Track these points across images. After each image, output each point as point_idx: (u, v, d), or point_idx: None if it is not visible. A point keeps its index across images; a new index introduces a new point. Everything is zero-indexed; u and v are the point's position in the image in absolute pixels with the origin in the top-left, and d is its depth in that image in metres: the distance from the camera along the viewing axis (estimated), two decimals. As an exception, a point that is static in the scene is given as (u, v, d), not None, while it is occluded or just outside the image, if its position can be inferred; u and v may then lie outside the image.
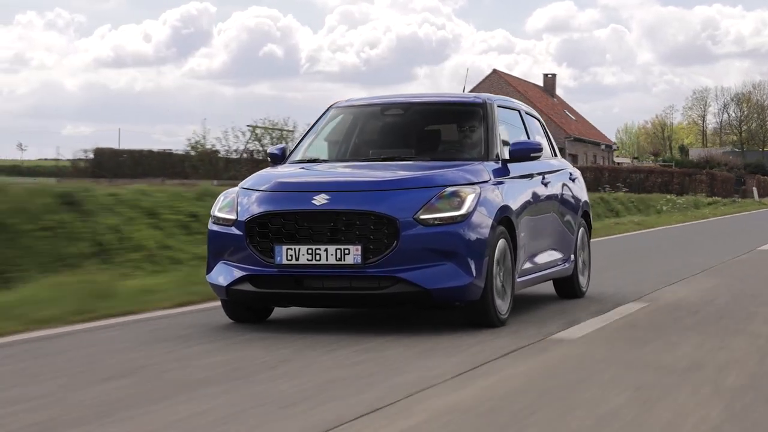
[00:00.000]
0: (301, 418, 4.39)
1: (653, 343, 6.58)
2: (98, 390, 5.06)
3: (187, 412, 4.53)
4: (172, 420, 4.37)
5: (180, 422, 4.34)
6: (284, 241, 7.00)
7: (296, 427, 4.23)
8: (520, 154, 8.02)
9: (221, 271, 7.29)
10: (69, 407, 4.66)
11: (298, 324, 7.52)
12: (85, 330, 7.30)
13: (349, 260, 6.87)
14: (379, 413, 4.46)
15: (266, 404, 4.69)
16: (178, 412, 4.53)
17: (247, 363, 5.81)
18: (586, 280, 9.61)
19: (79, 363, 5.91)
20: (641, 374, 5.43)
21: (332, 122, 8.70)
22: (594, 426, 4.25)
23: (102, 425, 4.29)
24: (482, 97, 8.42)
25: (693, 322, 7.65)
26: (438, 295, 6.90)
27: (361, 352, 6.15)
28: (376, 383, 5.18)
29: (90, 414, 4.51)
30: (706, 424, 4.28)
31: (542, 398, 4.82)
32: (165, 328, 7.31)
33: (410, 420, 4.36)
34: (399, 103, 8.70)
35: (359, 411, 4.49)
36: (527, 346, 6.40)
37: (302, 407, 4.60)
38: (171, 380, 5.32)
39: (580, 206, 9.48)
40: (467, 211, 7.02)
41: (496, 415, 4.46)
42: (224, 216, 7.34)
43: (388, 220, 6.89)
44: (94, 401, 4.78)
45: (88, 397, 4.90)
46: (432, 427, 4.25)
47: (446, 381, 5.21)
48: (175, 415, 4.46)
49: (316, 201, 7.02)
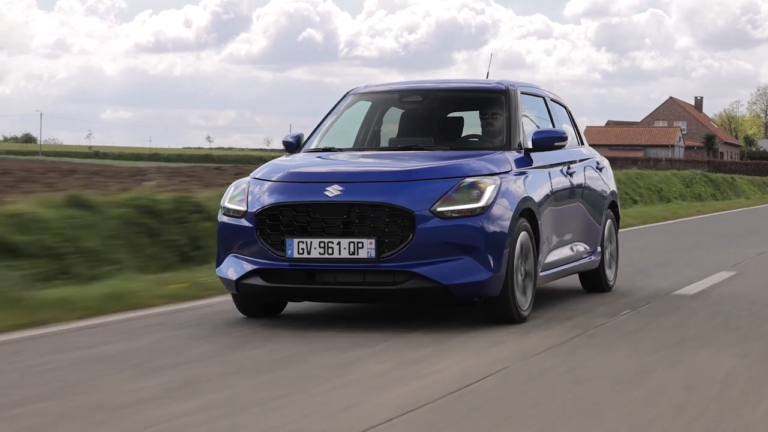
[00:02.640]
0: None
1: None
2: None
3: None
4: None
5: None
6: (296, 233, 6.72)
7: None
8: (544, 143, 7.68)
9: (231, 265, 7.02)
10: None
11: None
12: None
13: (363, 254, 6.58)
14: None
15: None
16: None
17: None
18: (613, 274, 9.25)
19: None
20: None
21: (350, 109, 8.39)
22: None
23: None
24: (504, 83, 8.08)
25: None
26: (455, 290, 6.60)
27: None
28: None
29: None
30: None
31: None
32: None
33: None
34: (419, 89, 8.38)
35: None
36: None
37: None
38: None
39: (607, 196, 9.12)
40: (486, 203, 6.71)
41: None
42: (234, 207, 7.06)
43: (404, 213, 6.59)
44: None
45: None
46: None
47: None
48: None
49: (329, 192, 6.73)
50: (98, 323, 7.10)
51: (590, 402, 4.65)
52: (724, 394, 4.83)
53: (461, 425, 4.22)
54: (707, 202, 32.87)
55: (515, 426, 4.22)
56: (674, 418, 4.31)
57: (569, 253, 8.14)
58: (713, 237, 16.92)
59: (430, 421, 4.28)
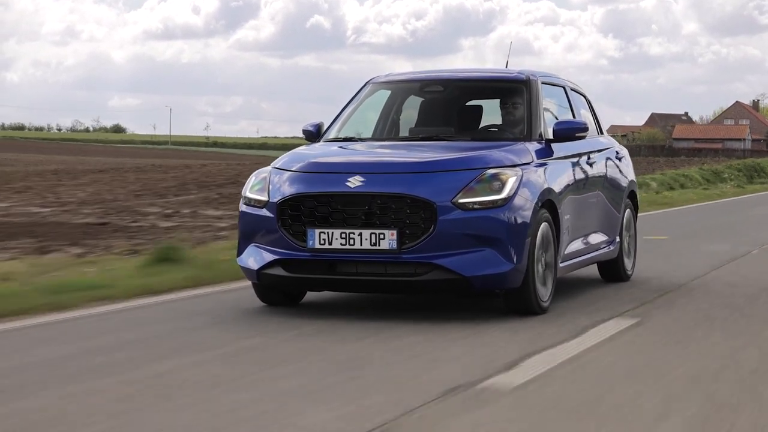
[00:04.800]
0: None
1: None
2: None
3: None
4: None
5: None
6: (317, 224, 6.73)
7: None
8: (565, 134, 7.67)
9: (252, 254, 7.04)
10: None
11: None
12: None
13: (384, 245, 6.59)
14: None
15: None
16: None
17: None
18: (631, 263, 9.24)
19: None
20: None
21: (369, 98, 8.38)
22: None
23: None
24: (525, 73, 8.06)
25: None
26: (477, 282, 6.61)
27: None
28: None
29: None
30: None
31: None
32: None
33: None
34: (439, 79, 8.36)
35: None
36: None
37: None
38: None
39: (626, 186, 9.11)
40: (508, 194, 6.70)
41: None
42: (255, 197, 7.07)
43: (425, 204, 6.59)
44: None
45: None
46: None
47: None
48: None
49: (351, 183, 6.73)
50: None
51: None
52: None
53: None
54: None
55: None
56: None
57: (589, 243, 8.14)
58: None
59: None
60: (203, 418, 4.26)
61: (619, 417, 4.32)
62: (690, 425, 4.20)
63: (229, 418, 4.26)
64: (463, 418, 4.28)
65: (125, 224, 14.37)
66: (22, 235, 12.37)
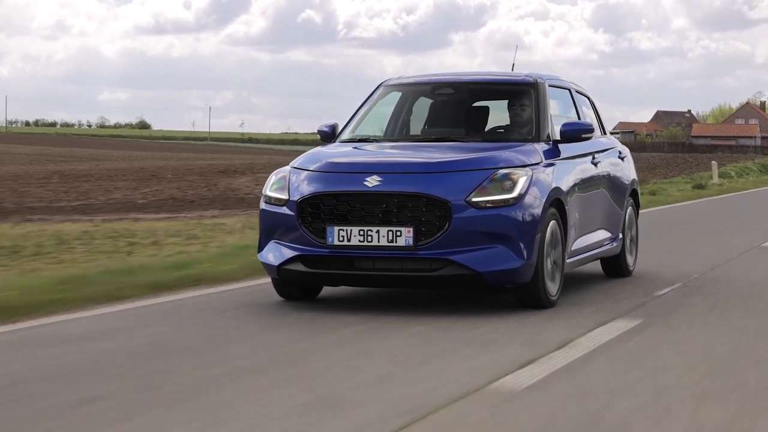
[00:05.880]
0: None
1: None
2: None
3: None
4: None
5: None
6: (336, 221, 7.03)
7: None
8: (572, 135, 7.99)
9: (272, 250, 7.34)
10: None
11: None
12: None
13: (401, 242, 6.90)
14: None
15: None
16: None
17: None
18: (633, 259, 9.57)
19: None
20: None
21: (382, 100, 8.69)
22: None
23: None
24: (533, 76, 8.37)
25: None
26: (489, 277, 6.92)
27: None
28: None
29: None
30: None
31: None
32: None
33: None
34: (450, 81, 8.67)
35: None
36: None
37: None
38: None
39: (628, 184, 9.43)
40: (519, 193, 7.02)
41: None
42: (276, 195, 7.37)
43: (441, 203, 6.90)
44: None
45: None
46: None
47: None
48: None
49: (369, 182, 7.03)
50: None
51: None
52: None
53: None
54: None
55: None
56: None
57: (594, 240, 8.45)
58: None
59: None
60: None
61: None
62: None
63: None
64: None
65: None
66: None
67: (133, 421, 4.26)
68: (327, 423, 4.23)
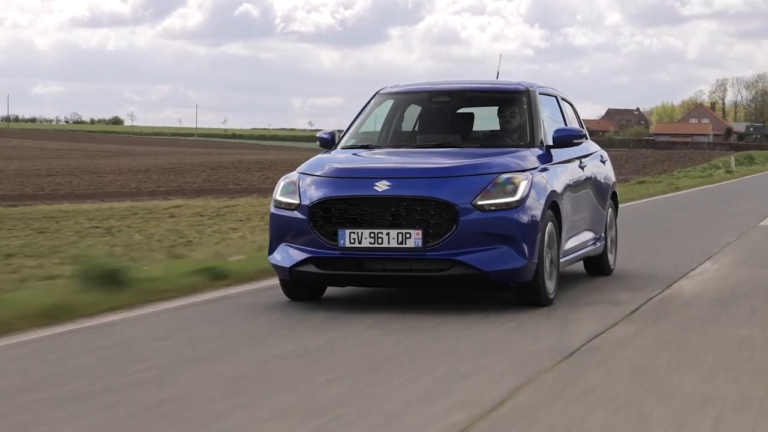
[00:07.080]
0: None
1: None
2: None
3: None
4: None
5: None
6: (347, 225, 7.37)
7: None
8: (564, 141, 8.41)
9: (283, 253, 7.65)
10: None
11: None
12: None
13: (410, 244, 7.25)
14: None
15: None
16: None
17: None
18: (613, 258, 10.00)
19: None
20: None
21: (378, 108, 9.03)
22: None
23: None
24: (525, 84, 8.78)
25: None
26: (495, 276, 7.31)
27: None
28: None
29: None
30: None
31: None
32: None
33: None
34: (445, 90, 9.04)
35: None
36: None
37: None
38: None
39: (609, 187, 9.87)
40: (521, 197, 7.41)
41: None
42: (286, 200, 7.67)
43: (448, 206, 7.27)
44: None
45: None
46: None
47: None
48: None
49: (378, 187, 7.37)
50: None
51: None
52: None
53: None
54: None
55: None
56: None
57: (582, 240, 8.87)
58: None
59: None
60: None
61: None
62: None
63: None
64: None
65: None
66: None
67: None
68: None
